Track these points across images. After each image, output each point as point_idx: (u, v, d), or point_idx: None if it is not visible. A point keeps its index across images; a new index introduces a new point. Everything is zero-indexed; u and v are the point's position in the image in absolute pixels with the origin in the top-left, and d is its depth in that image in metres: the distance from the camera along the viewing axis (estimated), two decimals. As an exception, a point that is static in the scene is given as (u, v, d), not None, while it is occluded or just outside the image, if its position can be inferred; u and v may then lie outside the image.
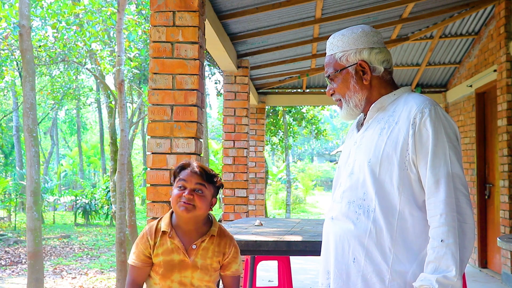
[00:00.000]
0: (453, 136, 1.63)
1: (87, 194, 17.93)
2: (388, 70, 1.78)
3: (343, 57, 1.77)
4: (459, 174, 1.59)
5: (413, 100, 1.69)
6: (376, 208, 1.63)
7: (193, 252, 1.96)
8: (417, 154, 1.61)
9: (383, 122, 1.70)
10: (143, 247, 1.97)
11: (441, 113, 1.64)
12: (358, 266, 1.65)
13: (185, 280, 1.95)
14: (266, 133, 13.18)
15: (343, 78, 1.77)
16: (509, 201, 5.75)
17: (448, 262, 1.52)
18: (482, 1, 5.97)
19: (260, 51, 6.08)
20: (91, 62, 11.77)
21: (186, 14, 3.27)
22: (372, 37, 1.77)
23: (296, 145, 28.42)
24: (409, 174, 1.62)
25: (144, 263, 1.97)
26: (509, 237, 3.61)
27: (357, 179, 1.69)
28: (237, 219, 5.52)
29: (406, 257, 1.61)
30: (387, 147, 1.65)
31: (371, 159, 1.67)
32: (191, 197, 1.91)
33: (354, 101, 1.77)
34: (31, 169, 6.07)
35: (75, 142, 34.13)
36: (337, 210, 1.74)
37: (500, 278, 6.17)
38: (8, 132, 22.24)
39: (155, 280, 1.98)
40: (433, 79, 8.46)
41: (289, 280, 4.29)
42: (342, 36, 1.79)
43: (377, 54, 1.75)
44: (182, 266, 1.95)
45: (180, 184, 1.93)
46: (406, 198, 1.62)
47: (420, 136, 1.61)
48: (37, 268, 6.07)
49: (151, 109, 3.27)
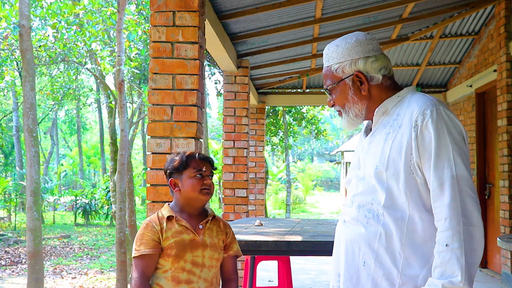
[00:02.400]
0: (458, 136, 1.59)
1: (87, 194, 17.94)
2: (387, 76, 1.75)
3: (339, 68, 1.74)
4: (464, 176, 1.56)
5: (415, 102, 1.67)
6: (385, 213, 1.63)
7: (201, 232, 2.07)
8: (421, 158, 1.59)
9: (388, 126, 1.69)
10: (150, 233, 2.02)
11: (444, 113, 1.61)
12: (368, 270, 1.64)
13: (197, 260, 2.03)
14: (266, 133, 13.19)
15: (341, 89, 1.75)
16: (509, 201, 5.75)
17: (454, 267, 1.50)
18: (482, 1, 5.97)
19: (260, 51, 6.08)
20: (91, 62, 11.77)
21: (186, 14, 3.27)
22: (367, 45, 1.73)
23: (296, 145, 28.41)
24: (415, 178, 1.60)
25: (155, 249, 2.00)
26: (509, 237, 3.61)
27: (367, 184, 1.69)
28: (237, 219, 5.52)
29: (416, 262, 1.60)
30: (392, 152, 1.63)
31: (377, 165, 1.65)
32: (211, 183, 2.09)
33: (354, 111, 1.76)
34: (31, 169, 6.07)
35: (75, 142, 34.14)
36: (348, 214, 1.74)
37: (500, 278, 6.17)
38: (8, 132, 22.25)
39: (165, 267, 2.01)
40: (433, 79, 8.46)
41: (289, 280, 4.29)
42: (336, 47, 1.76)
43: (373, 62, 1.72)
44: (194, 245, 2.03)
45: (199, 173, 2.06)
46: (414, 203, 1.60)
47: (422, 139, 1.59)
48: (37, 268, 6.07)
49: (151, 109, 3.27)
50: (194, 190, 2.05)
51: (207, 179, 2.08)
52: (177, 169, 2.07)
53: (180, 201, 2.09)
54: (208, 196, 2.08)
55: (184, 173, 2.06)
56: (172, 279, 2.00)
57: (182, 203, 2.09)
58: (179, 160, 2.08)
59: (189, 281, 2.01)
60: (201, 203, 2.10)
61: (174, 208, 2.11)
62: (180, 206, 2.10)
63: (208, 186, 2.07)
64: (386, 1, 5.26)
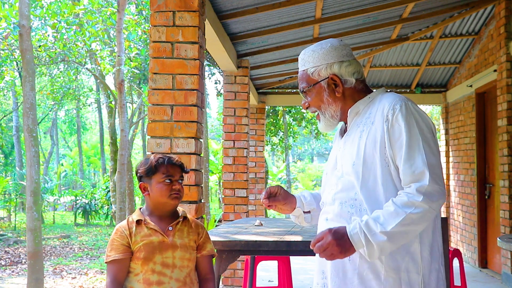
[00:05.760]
0: (426, 128, 1.70)
1: (87, 194, 17.93)
2: (360, 80, 1.86)
3: (315, 72, 1.85)
4: (433, 164, 1.65)
5: (386, 99, 1.77)
6: (367, 207, 1.70)
7: (170, 233, 2.09)
8: (392, 149, 1.69)
9: (362, 125, 1.79)
10: (120, 239, 2.06)
11: (412, 107, 1.71)
12: (354, 264, 1.71)
13: (167, 261, 2.06)
14: (266, 133, 13.19)
15: (316, 92, 1.86)
16: (509, 201, 5.74)
17: (387, 223, 1.58)
18: (482, 1, 5.97)
19: (260, 51, 6.08)
20: (91, 62, 11.78)
21: (186, 14, 3.27)
22: (341, 51, 1.85)
23: (296, 145, 28.43)
24: (390, 170, 1.70)
25: (125, 253, 2.04)
26: (509, 237, 3.61)
27: (347, 181, 1.76)
28: (237, 219, 5.52)
29: (398, 253, 1.67)
30: (367, 148, 1.73)
31: (355, 161, 1.74)
32: (181, 188, 2.12)
33: (329, 112, 1.86)
34: (31, 169, 6.06)
35: (75, 142, 34.13)
36: (331, 211, 1.81)
37: (500, 278, 6.17)
38: (8, 132, 22.24)
39: (136, 270, 2.05)
40: (433, 79, 8.46)
41: (289, 280, 4.29)
42: (313, 52, 1.86)
43: (347, 67, 1.83)
44: (163, 247, 2.06)
45: (168, 179, 2.08)
46: (391, 194, 1.69)
47: (393, 131, 1.69)
48: (37, 268, 6.07)
49: (151, 109, 3.27)
50: (162, 196, 2.08)
51: (176, 184, 2.10)
52: (146, 174, 2.09)
53: (150, 205, 2.13)
54: (177, 201, 2.11)
55: (153, 178, 2.09)
56: (144, 281, 2.03)
57: (151, 207, 2.13)
58: (148, 165, 2.09)
59: (160, 282, 2.04)
60: (170, 207, 2.13)
61: (145, 211, 2.14)
62: (150, 210, 2.13)
63: (177, 191, 2.09)
64: (386, 1, 5.26)
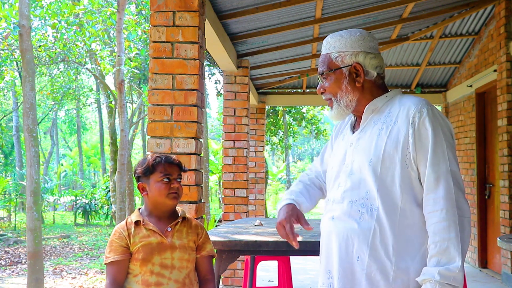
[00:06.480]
0: (449, 135, 1.70)
1: (87, 194, 17.93)
2: (380, 75, 1.83)
3: (338, 57, 1.80)
4: (456, 172, 1.66)
5: (409, 100, 1.74)
6: (380, 207, 1.67)
7: (169, 234, 2.08)
8: (417, 152, 1.67)
9: (380, 123, 1.75)
10: (118, 240, 2.05)
11: (437, 113, 1.71)
12: (362, 265, 1.68)
13: (166, 262, 2.05)
14: (266, 133, 13.19)
15: (336, 78, 1.81)
16: (509, 201, 5.74)
17: (451, 255, 1.58)
18: (482, 1, 5.97)
19: (260, 51, 6.08)
20: (91, 62, 11.78)
21: (186, 14, 3.27)
22: (369, 42, 1.81)
23: (296, 145, 28.42)
24: (410, 172, 1.68)
25: (123, 255, 2.03)
26: (509, 237, 3.61)
27: (358, 179, 1.73)
28: (237, 219, 5.52)
29: (408, 254, 1.66)
30: (387, 147, 1.69)
31: (372, 159, 1.70)
32: (179, 187, 2.10)
33: (345, 101, 1.81)
34: (31, 169, 6.06)
35: (75, 142, 34.15)
36: (339, 210, 1.76)
37: (500, 278, 6.17)
38: (8, 132, 22.25)
39: (135, 271, 2.04)
40: (433, 79, 8.46)
41: (289, 280, 4.28)
42: (340, 37, 1.82)
43: (371, 59, 1.79)
44: (161, 248, 2.05)
45: (166, 178, 2.07)
46: (408, 196, 1.67)
47: (419, 134, 1.67)
48: (37, 268, 6.07)
49: (151, 109, 3.27)
50: (160, 195, 2.06)
51: (174, 183, 2.08)
52: (144, 174, 2.08)
53: (148, 205, 2.12)
54: (175, 200, 2.09)
55: (151, 178, 2.07)
56: (142, 282, 2.03)
57: (150, 207, 2.11)
58: (145, 164, 2.08)
59: (159, 283, 2.03)
60: (169, 207, 2.11)
61: (144, 212, 2.12)
62: (148, 210, 2.12)
63: (175, 190, 2.08)
64: (386, 1, 5.25)
